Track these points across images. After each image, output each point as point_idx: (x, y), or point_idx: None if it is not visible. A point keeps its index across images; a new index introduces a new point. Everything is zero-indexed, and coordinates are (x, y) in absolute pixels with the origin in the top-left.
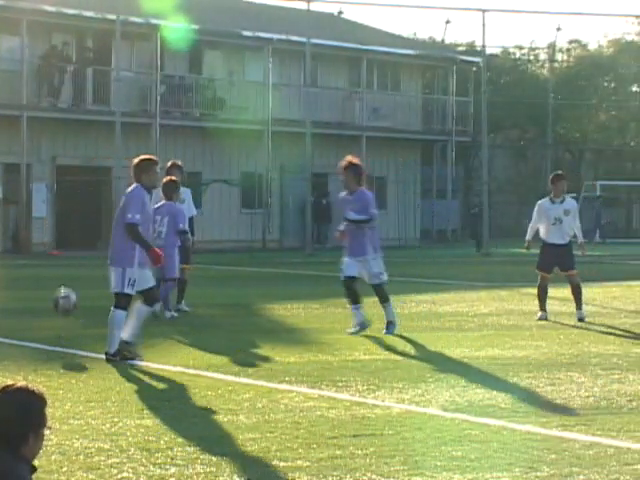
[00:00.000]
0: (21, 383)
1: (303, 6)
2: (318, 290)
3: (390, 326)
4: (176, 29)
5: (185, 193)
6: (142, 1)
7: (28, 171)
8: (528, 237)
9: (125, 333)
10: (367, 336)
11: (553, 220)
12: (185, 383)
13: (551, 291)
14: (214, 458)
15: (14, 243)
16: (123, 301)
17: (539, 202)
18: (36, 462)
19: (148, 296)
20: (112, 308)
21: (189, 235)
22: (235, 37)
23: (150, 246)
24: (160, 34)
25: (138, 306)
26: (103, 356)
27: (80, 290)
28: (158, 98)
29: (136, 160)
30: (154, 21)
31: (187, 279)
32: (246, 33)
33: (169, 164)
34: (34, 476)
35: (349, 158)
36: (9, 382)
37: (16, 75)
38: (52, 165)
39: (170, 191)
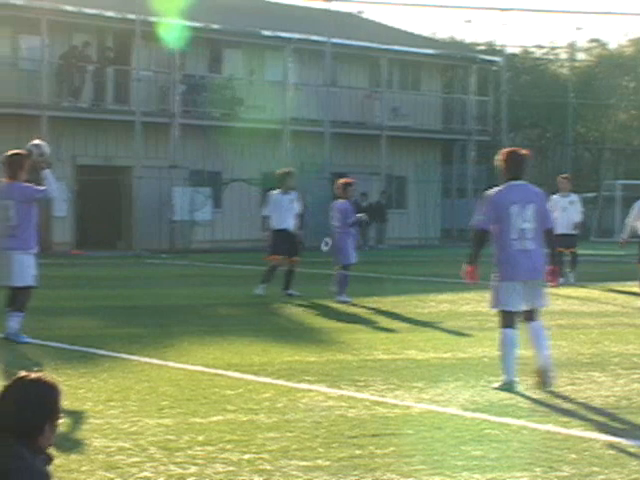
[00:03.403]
0: (35, 374)
1: (323, 6)
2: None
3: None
4: (172, 27)
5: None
6: (159, 1)
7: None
8: (625, 236)
9: (539, 360)
10: (387, 336)
11: None
12: (205, 382)
13: (570, 291)
14: (234, 457)
15: None
16: (499, 318)
17: (637, 203)
18: (56, 462)
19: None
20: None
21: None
22: (255, 37)
23: (470, 259)
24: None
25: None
26: (123, 355)
27: (101, 290)
28: (178, 98)
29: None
30: (174, 21)
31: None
32: (266, 33)
33: (282, 171)
34: (56, 475)
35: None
36: (23, 373)
37: (36, 75)
38: (72, 165)
39: (344, 191)
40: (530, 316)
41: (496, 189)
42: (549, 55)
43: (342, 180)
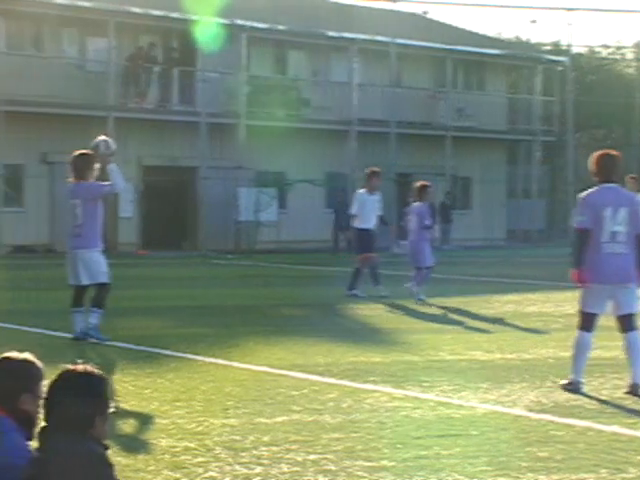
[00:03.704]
0: (82, 366)
1: (388, 6)
2: (402, 290)
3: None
4: (210, 25)
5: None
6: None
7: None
8: None
9: (633, 373)
10: (452, 336)
11: None
12: (270, 383)
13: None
14: (299, 458)
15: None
16: (579, 318)
17: None
18: (123, 461)
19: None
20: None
21: (433, 230)
22: (320, 37)
23: (575, 262)
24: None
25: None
26: (189, 355)
27: (166, 290)
28: (243, 99)
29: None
30: (239, 22)
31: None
32: (331, 33)
33: (369, 171)
34: (123, 475)
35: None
36: (69, 366)
37: (103, 76)
38: (138, 165)
39: (420, 194)
40: (625, 326)
41: (590, 191)
42: (615, 55)
43: (419, 183)
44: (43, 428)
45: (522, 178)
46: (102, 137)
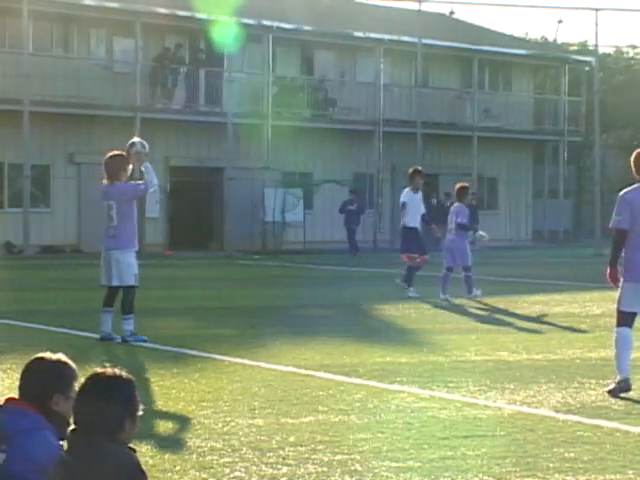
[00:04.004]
0: (109, 370)
1: (414, 6)
2: (429, 291)
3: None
4: (231, 26)
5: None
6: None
7: (141, 172)
8: None
9: None
10: (479, 337)
11: None
12: (296, 383)
13: None
14: (325, 458)
15: None
16: (617, 316)
17: None
18: (150, 461)
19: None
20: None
21: (469, 230)
22: (347, 38)
23: (611, 261)
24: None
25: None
26: (215, 355)
27: (192, 290)
28: (270, 99)
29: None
30: (265, 22)
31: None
32: (358, 34)
33: (412, 170)
34: (150, 475)
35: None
36: (99, 370)
37: (130, 77)
38: (165, 166)
39: (460, 194)
40: None
41: (628, 189)
42: None
43: (459, 184)
44: (73, 431)
45: (548, 178)
46: (137, 138)
